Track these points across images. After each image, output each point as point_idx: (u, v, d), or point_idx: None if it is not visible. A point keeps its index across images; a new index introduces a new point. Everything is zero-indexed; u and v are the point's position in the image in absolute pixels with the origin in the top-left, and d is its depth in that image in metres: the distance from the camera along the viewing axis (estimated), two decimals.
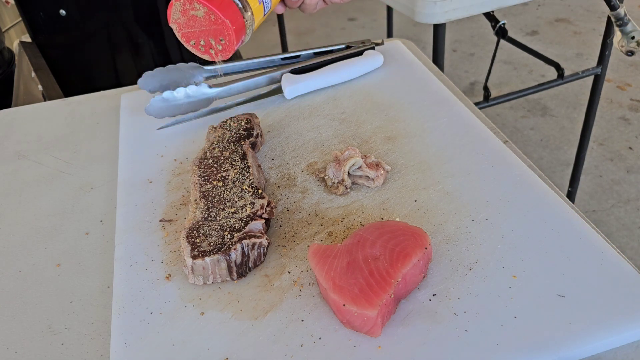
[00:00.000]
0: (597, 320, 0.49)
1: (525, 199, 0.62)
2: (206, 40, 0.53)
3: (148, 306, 0.54)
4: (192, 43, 0.54)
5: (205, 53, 0.55)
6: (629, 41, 0.85)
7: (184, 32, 0.53)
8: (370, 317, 0.47)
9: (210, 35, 0.52)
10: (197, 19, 0.51)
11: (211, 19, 0.51)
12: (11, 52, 1.42)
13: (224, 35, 0.52)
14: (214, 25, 0.51)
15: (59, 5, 1.17)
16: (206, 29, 0.52)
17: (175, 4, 0.51)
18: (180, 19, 0.52)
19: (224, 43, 0.53)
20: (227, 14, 0.51)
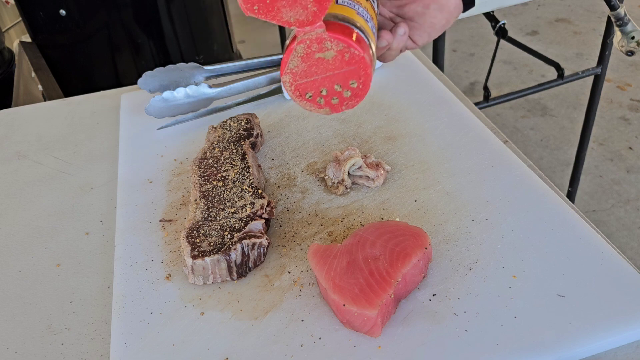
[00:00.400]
0: (597, 320, 0.49)
1: (525, 199, 0.62)
2: (330, 88, 0.45)
3: (148, 306, 0.54)
4: (308, 96, 0.46)
5: (324, 106, 0.46)
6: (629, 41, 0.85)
7: (300, 84, 0.45)
8: (370, 317, 0.47)
9: (337, 80, 0.44)
10: (324, 63, 0.43)
11: (345, 58, 0.43)
12: (11, 52, 1.42)
13: (358, 77, 0.44)
14: (347, 66, 0.43)
15: (59, 5, 1.17)
16: (334, 74, 0.44)
17: (297, 47, 0.42)
18: (298, 67, 0.44)
19: (356, 87, 0.45)
20: (363, 48, 0.43)
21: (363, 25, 0.45)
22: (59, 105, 0.92)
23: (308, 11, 0.39)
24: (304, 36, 0.42)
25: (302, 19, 0.40)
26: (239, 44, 3.05)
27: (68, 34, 1.22)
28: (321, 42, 0.42)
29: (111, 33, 1.25)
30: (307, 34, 0.42)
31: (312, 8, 0.39)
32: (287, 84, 0.45)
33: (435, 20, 0.55)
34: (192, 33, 1.35)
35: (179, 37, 1.33)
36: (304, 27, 0.41)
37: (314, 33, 0.41)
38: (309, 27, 0.41)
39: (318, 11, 0.40)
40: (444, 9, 0.54)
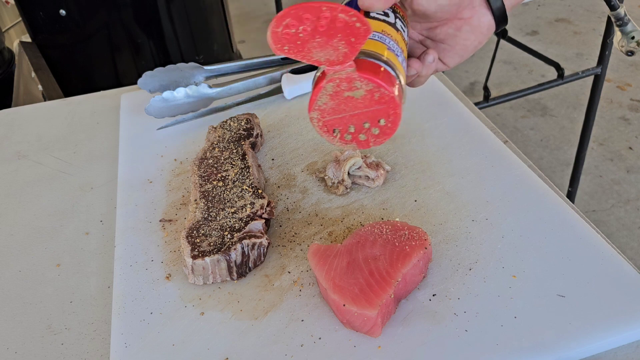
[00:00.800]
0: (597, 320, 0.49)
1: (525, 199, 0.62)
2: (358, 126, 0.44)
3: (148, 306, 0.54)
4: (335, 132, 0.45)
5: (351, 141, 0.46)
6: (629, 41, 0.85)
7: (328, 120, 0.44)
8: (370, 317, 0.47)
9: (366, 118, 0.44)
10: (352, 101, 0.43)
11: (374, 97, 0.42)
12: (11, 52, 1.42)
13: (387, 115, 0.43)
14: (376, 105, 0.43)
15: (59, 5, 1.17)
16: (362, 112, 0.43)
17: (326, 86, 0.42)
18: (326, 104, 0.43)
19: (385, 125, 0.44)
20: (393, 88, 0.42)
21: (393, 61, 0.45)
22: (59, 105, 0.92)
23: (339, 52, 0.39)
24: (333, 75, 0.41)
25: (332, 59, 0.40)
26: (239, 44, 3.05)
27: (68, 34, 1.22)
28: (351, 82, 0.42)
29: (111, 33, 1.25)
30: (336, 72, 0.41)
31: (344, 49, 0.39)
32: (315, 119, 0.45)
33: (467, 42, 0.53)
34: (192, 33, 1.35)
35: (179, 37, 1.33)
36: (334, 66, 0.41)
37: (344, 72, 0.41)
38: (339, 66, 0.41)
39: (349, 52, 0.39)
40: (476, 30, 0.52)
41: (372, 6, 0.47)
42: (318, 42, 0.39)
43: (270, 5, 2.92)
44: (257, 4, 3.54)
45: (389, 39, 0.46)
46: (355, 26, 0.38)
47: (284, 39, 0.38)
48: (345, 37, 0.38)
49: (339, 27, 0.38)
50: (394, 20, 0.49)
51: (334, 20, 0.38)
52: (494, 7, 0.51)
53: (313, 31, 0.38)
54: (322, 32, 0.38)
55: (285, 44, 0.39)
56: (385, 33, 0.47)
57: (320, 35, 0.38)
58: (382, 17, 0.48)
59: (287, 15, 0.37)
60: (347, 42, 0.39)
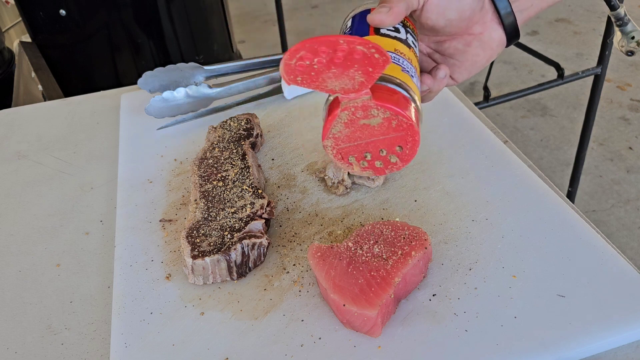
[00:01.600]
0: (597, 320, 0.49)
1: (525, 199, 0.62)
2: (374, 153, 0.43)
3: (148, 306, 0.54)
4: (350, 159, 0.44)
5: (368, 168, 0.45)
6: (629, 41, 0.85)
7: (342, 148, 0.43)
8: (370, 317, 0.47)
9: (382, 145, 0.42)
10: (368, 129, 0.41)
11: (392, 125, 0.41)
12: (11, 52, 1.42)
13: (405, 142, 0.42)
14: (394, 133, 0.41)
15: (59, 5, 1.17)
16: (379, 139, 0.42)
17: (341, 114, 0.40)
18: (341, 132, 0.42)
19: (403, 152, 0.43)
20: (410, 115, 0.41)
21: (409, 84, 0.43)
22: (59, 105, 0.92)
23: (355, 81, 0.38)
24: (348, 103, 0.40)
25: (348, 88, 0.38)
26: (239, 43, 3.05)
27: (68, 34, 1.22)
28: (367, 110, 0.40)
29: (111, 33, 1.25)
30: (351, 100, 0.40)
31: (360, 79, 0.38)
32: (329, 147, 0.43)
33: (477, 58, 0.51)
34: (192, 33, 1.35)
35: (179, 37, 1.33)
36: (348, 94, 0.39)
37: (360, 100, 0.39)
38: (354, 94, 0.39)
39: (366, 81, 0.38)
40: (486, 46, 0.50)
41: (383, 22, 0.45)
42: (333, 73, 0.37)
43: (270, 5, 2.92)
44: (257, 4, 3.54)
45: (402, 59, 0.44)
46: (374, 57, 0.36)
47: (297, 70, 0.37)
48: (362, 68, 0.37)
49: (356, 59, 0.37)
50: (405, 36, 0.47)
51: (351, 52, 0.36)
52: (506, 22, 0.49)
53: (329, 62, 0.37)
54: (339, 63, 0.37)
55: (298, 75, 0.38)
56: (398, 52, 0.45)
57: (336, 66, 0.37)
58: (393, 34, 0.46)
59: (301, 48, 0.36)
60: (364, 72, 0.37)
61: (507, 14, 0.49)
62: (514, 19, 0.49)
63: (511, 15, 0.49)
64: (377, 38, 0.46)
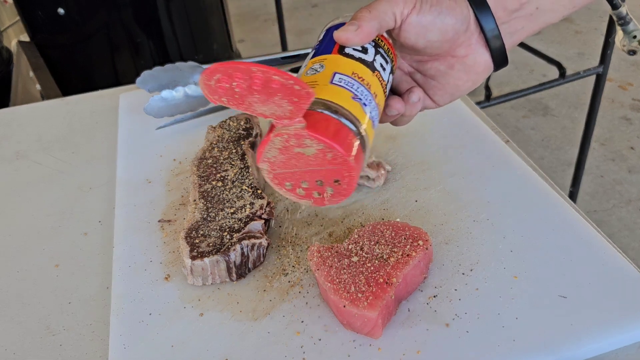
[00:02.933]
0: (599, 321, 0.48)
1: (527, 199, 0.61)
2: (311, 182, 0.41)
3: (147, 307, 0.54)
4: (287, 185, 0.42)
5: (304, 197, 0.43)
6: (631, 40, 0.85)
7: (278, 174, 0.41)
8: (371, 318, 0.47)
9: (319, 176, 0.40)
10: (303, 158, 0.39)
11: (326, 157, 0.39)
12: (9, 52, 1.42)
13: (341, 176, 0.40)
14: (329, 165, 0.39)
15: (58, 4, 1.17)
16: (314, 170, 0.40)
17: (274, 139, 0.38)
18: (276, 157, 0.40)
19: (340, 185, 0.41)
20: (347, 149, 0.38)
21: (356, 114, 0.40)
22: (57, 104, 0.92)
23: (284, 109, 0.36)
24: (281, 129, 0.38)
25: (279, 114, 0.36)
26: (238, 43, 3.05)
27: (67, 33, 1.22)
28: (300, 138, 0.38)
29: (110, 32, 1.25)
30: (284, 127, 0.38)
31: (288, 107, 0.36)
32: (265, 171, 0.42)
33: (459, 82, 0.47)
34: (192, 32, 1.35)
35: (179, 37, 1.33)
36: (282, 120, 0.37)
37: (292, 128, 0.37)
38: (288, 121, 0.37)
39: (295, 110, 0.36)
40: (470, 70, 0.47)
41: (349, 41, 0.43)
42: (257, 99, 0.36)
43: (270, 4, 2.91)
44: (257, 4, 3.54)
45: (358, 84, 0.42)
46: (294, 88, 0.35)
47: (219, 91, 0.36)
48: (286, 97, 0.35)
49: (275, 88, 0.35)
50: (372, 58, 0.44)
51: (268, 81, 0.34)
52: (493, 46, 0.46)
53: (249, 88, 0.35)
54: (258, 90, 0.35)
55: (222, 95, 0.36)
56: (355, 76, 0.42)
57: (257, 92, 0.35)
58: (357, 55, 0.43)
59: (216, 71, 0.35)
60: (290, 102, 0.35)
61: (494, 37, 0.45)
62: (502, 43, 0.46)
63: (499, 39, 0.46)
64: (338, 57, 0.43)
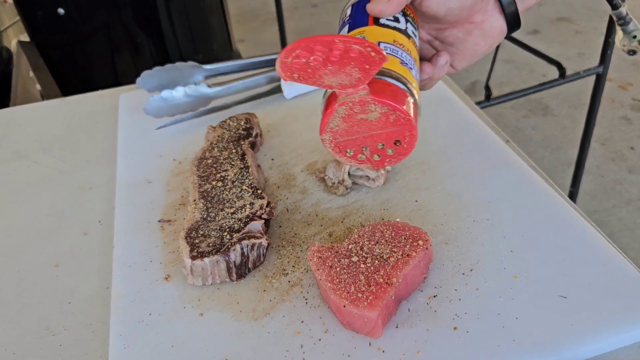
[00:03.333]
0: (599, 321, 0.48)
1: (527, 199, 0.61)
2: (372, 147, 0.43)
3: (147, 307, 0.54)
4: (349, 153, 0.44)
5: (365, 162, 0.45)
6: (631, 40, 0.85)
7: (340, 142, 0.43)
8: (371, 318, 0.47)
9: (380, 139, 0.43)
10: (366, 123, 0.41)
11: (389, 120, 0.41)
12: (9, 52, 1.42)
13: (402, 137, 0.42)
14: (392, 127, 0.41)
15: (58, 4, 1.17)
16: (377, 133, 0.42)
17: (339, 109, 0.41)
18: (338, 126, 0.42)
19: (401, 146, 0.43)
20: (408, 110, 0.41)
21: (407, 77, 0.43)
22: (57, 104, 0.92)
23: (352, 77, 0.38)
24: (346, 98, 0.40)
25: (345, 84, 0.38)
26: (238, 43, 3.05)
27: (67, 33, 1.22)
28: (364, 105, 0.40)
29: (110, 32, 1.25)
30: (349, 95, 0.40)
31: (357, 75, 0.38)
32: (327, 141, 0.44)
33: (477, 47, 0.51)
34: (192, 32, 1.35)
35: (178, 37, 1.33)
36: (346, 89, 0.39)
37: (357, 95, 0.40)
38: (352, 90, 0.39)
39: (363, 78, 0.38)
40: (487, 35, 0.50)
41: (382, 12, 0.45)
42: (330, 70, 0.37)
43: (270, 4, 2.92)
44: (257, 3, 3.54)
45: (401, 51, 0.44)
46: (370, 55, 0.36)
47: (293, 68, 0.38)
48: (358, 65, 0.37)
49: (352, 57, 0.37)
50: (405, 26, 0.46)
51: (347, 51, 0.36)
52: (507, 11, 0.49)
53: (325, 60, 0.37)
54: (335, 61, 0.37)
55: (295, 72, 0.38)
56: (397, 44, 0.45)
57: (333, 64, 0.37)
58: (392, 24, 0.46)
59: (297, 47, 0.36)
60: (361, 69, 0.37)
61: (509, 3, 0.49)
62: (515, 8, 0.49)
63: (512, 4, 0.49)
64: (375, 28, 0.45)
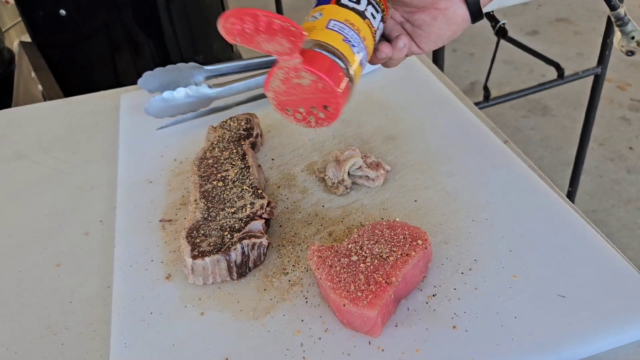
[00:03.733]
0: (597, 321, 0.49)
1: (526, 199, 0.62)
2: (306, 108, 0.50)
3: (148, 306, 0.54)
4: (287, 110, 0.51)
5: (301, 121, 0.51)
6: (629, 41, 0.85)
7: (281, 100, 0.50)
8: (371, 317, 0.47)
9: (312, 103, 0.49)
10: (300, 87, 0.48)
11: (318, 87, 0.47)
12: (11, 52, 1.42)
13: (330, 103, 0.48)
14: (320, 94, 0.48)
15: (59, 5, 1.17)
16: (309, 97, 0.48)
17: (277, 72, 0.47)
18: (279, 87, 0.49)
19: (329, 111, 0.49)
20: (336, 81, 0.47)
21: (345, 53, 0.49)
22: (58, 105, 0.92)
23: (284, 46, 0.44)
24: (282, 63, 0.46)
25: (280, 51, 0.44)
26: None
27: (68, 33, 1.22)
28: (297, 71, 0.46)
29: (111, 33, 1.25)
30: (285, 61, 0.46)
31: (287, 45, 0.43)
32: (270, 98, 0.50)
33: (441, 32, 0.55)
34: (192, 33, 1.35)
35: (179, 37, 1.33)
36: (283, 56, 0.45)
37: (292, 62, 0.46)
38: (287, 57, 0.45)
39: (292, 48, 0.44)
40: (451, 21, 0.54)
41: None
42: (263, 38, 0.43)
43: (271, 5, 2.92)
44: (257, 4, 3.54)
45: (349, 29, 0.49)
46: (290, 29, 0.42)
47: (233, 32, 0.43)
48: (285, 37, 0.43)
49: (276, 29, 0.42)
50: (364, 8, 0.51)
51: (270, 24, 0.42)
52: (469, 0, 0.54)
53: (256, 29, 0.43)
54: (263, 31, 0.43)
55: (235, 35, 0.43)
56: (348, 23, 0.50)
57: (263, 33, 0.43)
58: (351, 5, 0.51)
59: (231, 15, 0.42)
60: (289, 40, 0.43)
61: None
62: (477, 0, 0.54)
63: None
64: (334, 7, 0.51)
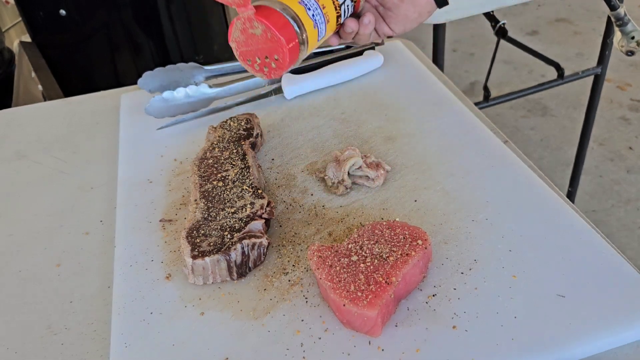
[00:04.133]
0: (597, 321, 0.49)
1: (526, 199, 0.62)
2: (261, 58, 0.55)
3: (148, 306, 0.54)
4: (248, 61, 0.56)
5: (259, 71, 0.56)
6: (629, 41, 0.85)
7: (242, 51, 0.55)
8: (370, 317, 0.47)
9: (265, 53, 0.54)
10: (255, 38, 0.53)
11: (268, 36, 0.53)
12: (11, 52, 1.42)
13: (278, 53, 0.53)
14: (270, 43, 0.53)
15: (59, 5, 1.17)
16: (262, 47, 0.54)
17: (236, 22, 0.53)
18: (239, 38, 0.54)
19: (278, 61, 0.54)
20: (283, 32, 0.53)
21: (298, 12, 0.54)
22: (58, 105, 0.92)
23: None
24: (241, 14, 0.52)
25: (237, 2, 0.51)
26: None
27: (68, 33, 1.22)
28: (251, 22, 0.52)
29: (111, 33, 1.25)
30: (242, 13, 0.52)
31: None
32: (234, 49, 0.56)
33: (408, 13, 0.61)
34: (192, 33, 1.35)
35: (179, 37, 1.33)
36: (240, 8, 0.52)
37: (247, 13, 0.52)
38: (243, 9, 0.51)
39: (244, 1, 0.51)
40: (416, 4, 0.61)
41: None
42: None
43: None
44: None
45: None
46: None
47: None
48: None
49: None
50: None
51: None
52: None
53: None
54: None
55: None
56: None
57: None
58: None
59: None
60: None
61: None
62: None
63: None
64: None
